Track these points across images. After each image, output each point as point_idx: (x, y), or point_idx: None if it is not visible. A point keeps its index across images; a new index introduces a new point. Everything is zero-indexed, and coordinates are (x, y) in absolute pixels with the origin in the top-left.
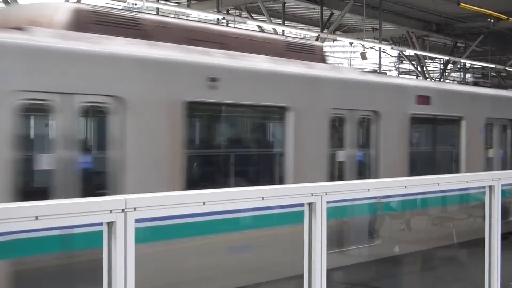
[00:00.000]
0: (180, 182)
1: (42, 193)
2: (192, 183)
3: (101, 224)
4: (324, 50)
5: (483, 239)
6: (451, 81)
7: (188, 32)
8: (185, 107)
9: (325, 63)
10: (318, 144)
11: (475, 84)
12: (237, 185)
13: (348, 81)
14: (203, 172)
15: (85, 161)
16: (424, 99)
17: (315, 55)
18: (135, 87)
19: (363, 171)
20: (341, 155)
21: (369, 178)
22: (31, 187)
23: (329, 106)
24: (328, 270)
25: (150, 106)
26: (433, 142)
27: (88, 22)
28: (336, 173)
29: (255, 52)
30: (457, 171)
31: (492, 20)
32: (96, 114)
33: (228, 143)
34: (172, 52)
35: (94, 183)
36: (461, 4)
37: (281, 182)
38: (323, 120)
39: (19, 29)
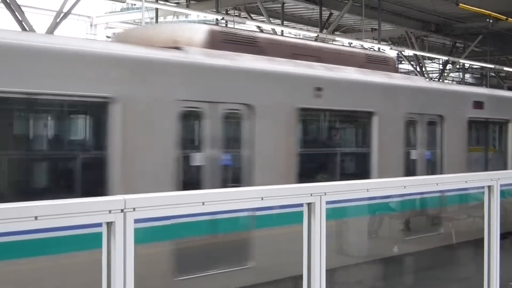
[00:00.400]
0: (294, 174)
1: (195, 185)
2: (302, 176)
3: None
4: (396, 61)
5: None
6: (450, 82)
7: (292, 47)
8: (297, 113)
9: (398, 72)
10: (397, 144)
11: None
12: (334, 178)
13: (418, 88)
14: (310, 167)
15: (226, 158)
16: (478, 104)
17: (389, 65)
18: (261, 96)
19: (431, 168)
20: (413, 154)
21: (435, 174)
22: (188, 180)
23: (405, 111)
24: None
25: (272, 112)
26: (486, 142)
27: (219, 41)
28: (410, 169)
29: (342, 64)
30: (505, 165)
31: (491, 21)
32: (233, 119)
33: (329, 142)
34: (286, 66)
35: (232, 177)
36: (460, 4)
37: (368, 176)
38: (400, 123)
39: (177, 48)
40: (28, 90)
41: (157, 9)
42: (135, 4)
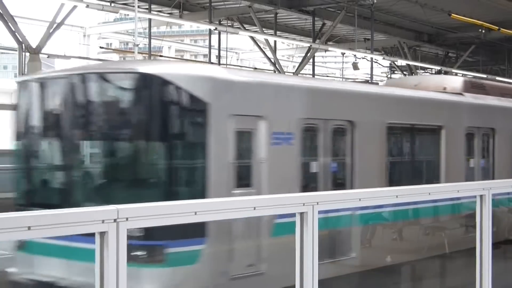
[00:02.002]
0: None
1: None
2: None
3: None
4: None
5: None
6: None
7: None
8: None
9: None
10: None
11: None
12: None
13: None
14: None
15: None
16: None
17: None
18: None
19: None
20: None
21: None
22: (311, 184)
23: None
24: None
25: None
26: None
27: (469, 87)
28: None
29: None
30: None
31: (483, 31)
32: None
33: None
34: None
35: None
36: (452, 14)
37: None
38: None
39: (451, 92)
40: (407, 122)
41: (150, 20)
42: (128, 15)
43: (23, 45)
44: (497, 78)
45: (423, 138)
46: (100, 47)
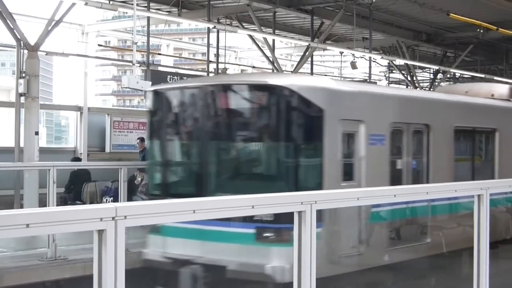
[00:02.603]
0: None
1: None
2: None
3: None
4: None
5: None
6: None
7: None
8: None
9: None
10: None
11: None
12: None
13: None
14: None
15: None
16: None
17: None
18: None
19: None
20: None
21: None
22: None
23: None
24: None
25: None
26: None
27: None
28: None
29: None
30: None
31: (481, 30)
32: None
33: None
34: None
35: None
36: (451, 14)
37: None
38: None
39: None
40: (470, 125)
41: (148, 18)
42: (126, 13)
43: (21, 42)
44: (495, 78)
45: (481, 140)
46: (99, 45)
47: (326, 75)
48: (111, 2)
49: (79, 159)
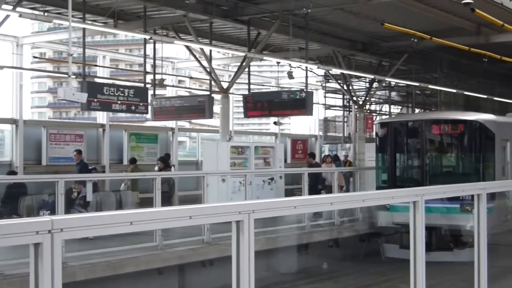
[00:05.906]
0: None
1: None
2: None
3: None
4: None
5: None
6: (376, 100)
7: None
8: None
9: None
10: None
11: None
12: None
13: None
14: None
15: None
16: None
17: None
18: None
19: None
20: None
21: None
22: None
23: None
24: None
25: None
26: None
27: None
28: None
29: None
30: None
31: (415, 40)
32: None
33: None
34: None
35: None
36: (385, 24)
37: None
38: None
39: None
40: None
41: (84, 29)
42: (62, 24)
43: None
44: (430, 86)
45: None
46: (34, 57)
47: (263, 85)
48: (46, 14)
49: (14, 173)
